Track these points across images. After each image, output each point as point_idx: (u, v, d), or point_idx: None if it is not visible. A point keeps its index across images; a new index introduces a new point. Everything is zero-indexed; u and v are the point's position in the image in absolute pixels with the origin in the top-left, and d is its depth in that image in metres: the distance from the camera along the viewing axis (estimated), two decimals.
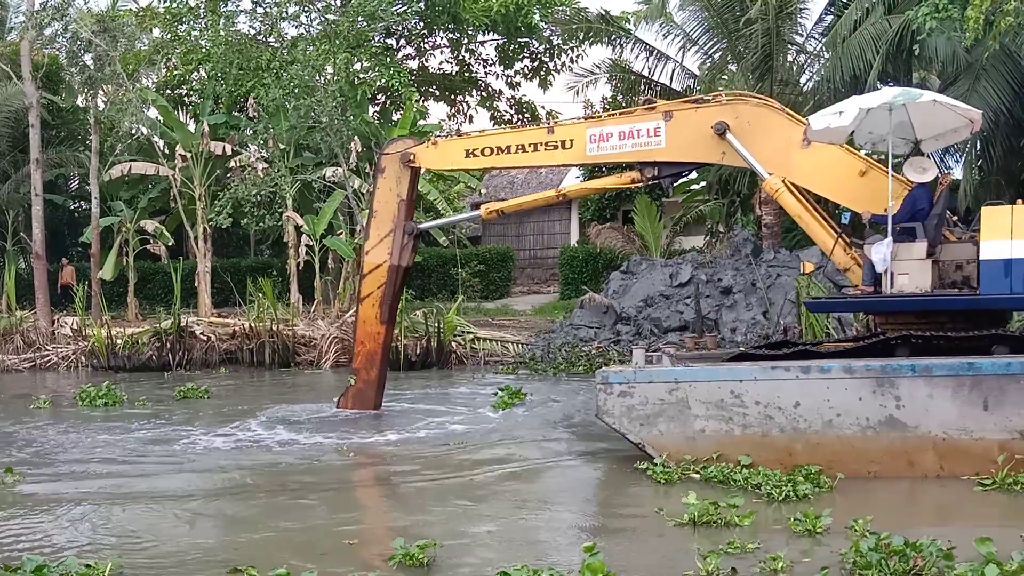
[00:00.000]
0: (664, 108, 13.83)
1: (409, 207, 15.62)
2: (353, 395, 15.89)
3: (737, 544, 7.75)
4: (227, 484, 11.09)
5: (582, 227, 42.08)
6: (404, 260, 15.54)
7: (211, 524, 9.39)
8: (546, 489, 10.90)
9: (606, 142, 13.98)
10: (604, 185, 16.69)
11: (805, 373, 10.72)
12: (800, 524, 8.31)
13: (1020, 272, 10.76)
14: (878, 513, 8.49)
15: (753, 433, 10.80)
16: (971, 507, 9.39)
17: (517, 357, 23.73)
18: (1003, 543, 7.06)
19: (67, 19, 30.45)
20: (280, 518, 9.35)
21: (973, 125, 12.20)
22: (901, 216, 11.77)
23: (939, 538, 7.04)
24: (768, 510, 9.22)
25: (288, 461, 12.36)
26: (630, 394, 11.21)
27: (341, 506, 10.25)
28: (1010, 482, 9.73)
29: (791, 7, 26.43)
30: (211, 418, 16.28)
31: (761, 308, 22.93)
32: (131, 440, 14.07)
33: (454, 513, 9.61)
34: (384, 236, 15.52)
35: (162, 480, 11.28)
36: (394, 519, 9.68)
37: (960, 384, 10.26)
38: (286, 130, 29.85)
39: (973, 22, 16.76)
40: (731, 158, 13.48)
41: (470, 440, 13.50)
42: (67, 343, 27.49)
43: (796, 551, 7.71)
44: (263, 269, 35.87)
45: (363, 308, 15.76)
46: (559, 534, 8.87)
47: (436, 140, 15.46)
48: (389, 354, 16.78)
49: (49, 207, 33.42)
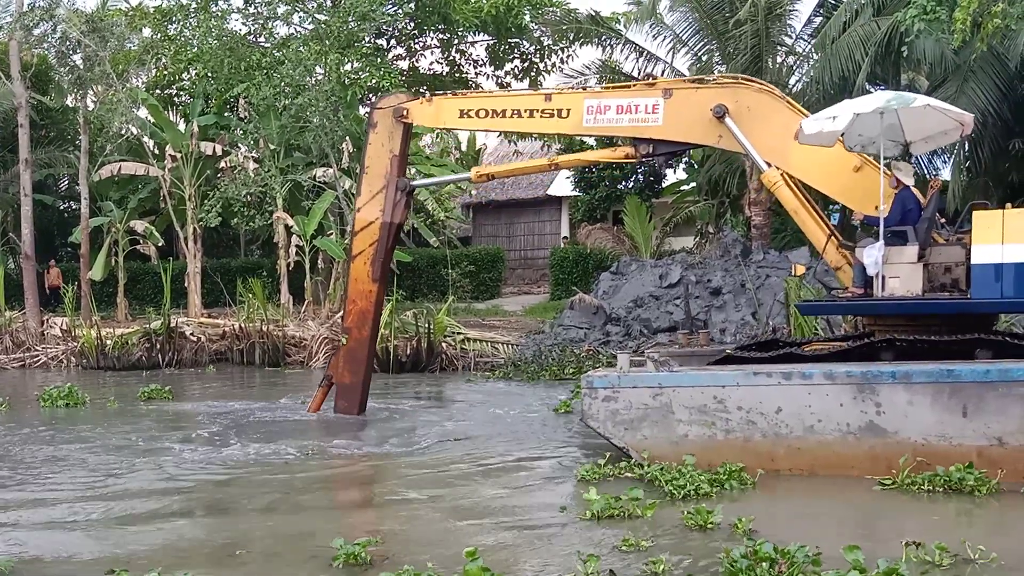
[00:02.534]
0: (664, 85, 13.80)
1: (401, 163, 15.46)
2: (344, 355, 15.72)
3: (632, 542, 7.80)
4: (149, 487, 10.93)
5: (572, 228, 42.12)
6: (396, 217, 15.40)
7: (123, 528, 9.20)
8: (480, 489, 10.82)
9: (603, 114, 13.84)
10: (598, 158, 16.61)
11: (787, 379, 10.78)
12: (693, 519, 8.46)
13: (1011, 276, 10.79)
14: (777, 512, 8.81)
15: (735, 438, 10.86)
16: (875, 509, 9.46)
17: (508, 359, 23.70)
18: (888, 547, 7.20)
19: (56, 19, 30.38)
20: (219, 520, 9.34)
21: (964, 128, 12.24)
22: (892, 219, 11.83)
23: (831, 538, 7.11)
24: (671, 506, 9.32)
25: (234, 464, 12.18)
26: (614, 399, 11.26)
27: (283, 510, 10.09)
28: (909, 482, 9.87)
29: (780, 8, 26.47)
30: (166, 421, 16.13)
31: (750, 309, 22.98)
32: (66, 443, 13.79)
33: (393, 513, 9.67)
34: (376, 193, 15.34)
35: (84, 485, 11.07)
36: (329, 522, 9.58)
37: (939, 391, 10.31)
38: (276, 130, 29.83)
39: (960, 24, 16.81)
40: (727, 142, 13.44)
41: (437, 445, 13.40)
42: (56, 343, 27.44)
43: (686, 548, 7.84)
44: (253, 269, 35.82)
45: (355, 266, 15.62)
46: (466, 533, 8.81)
47: (431, 97, 15.25)
48: (377, 328, 16.67)
49: (38, 207, 33.32)
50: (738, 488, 10.03)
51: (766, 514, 9.01)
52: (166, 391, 19.09)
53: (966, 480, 9.66)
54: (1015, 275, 10.78)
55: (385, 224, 15.33)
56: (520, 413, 16.17)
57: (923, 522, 8.83)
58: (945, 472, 9.79)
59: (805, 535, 7.48)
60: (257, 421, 15.97)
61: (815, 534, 7.51)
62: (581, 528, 8.58)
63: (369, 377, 16.11)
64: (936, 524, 8.70)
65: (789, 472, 10.63)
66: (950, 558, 7.30)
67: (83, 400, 18.23)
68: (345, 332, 15.84)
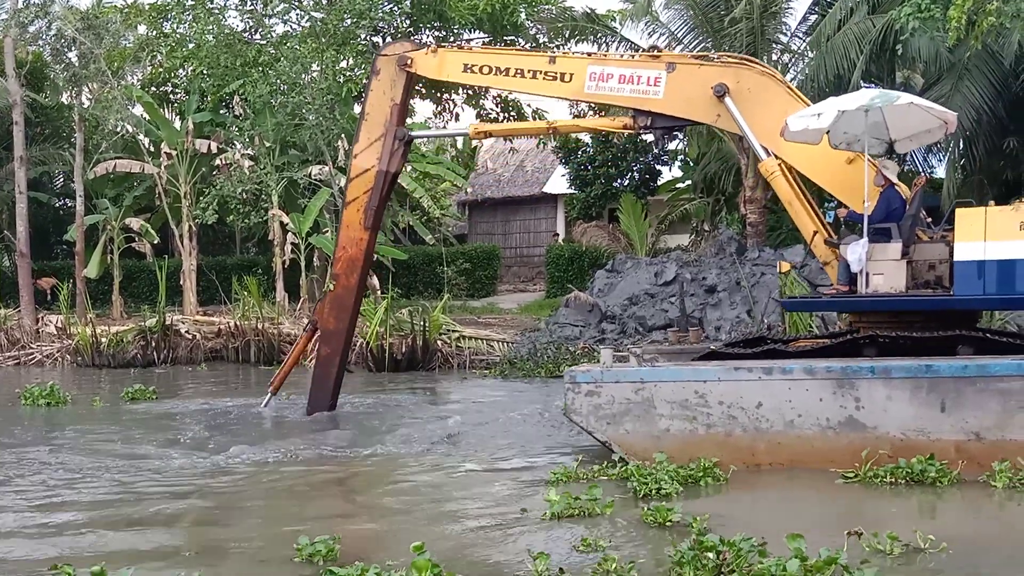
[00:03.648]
0: (668, 59, 13.73)
1: (402, 113, 15.39)
2: (330, 301, 15.70)
3: (589, 541, 7.82)
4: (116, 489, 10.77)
5: (568, 225, 42.13)
6: (393, 166, 15.33)
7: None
8: (451, 490, 10.79)
9: (605, 82, 13.77)
10: (596, 125, 16.64)
11: (767, 374, 10.82)
12: (652, 516, 8.49)
13: (993, 273, 10.86)
14: (741, 507, 8.90)
15: (717, 433, 10.89)
16: (836, 502, 9.55)
17: (503, 357, 23.73)
18: (841, 538, 7.27)
19: (51, 16, 30.37)
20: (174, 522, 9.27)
21: (948, 126, 12.30)
22: (876, 216, 11.89)
23: (788, 530, 7.10)
24: (634, 506, 9.31)
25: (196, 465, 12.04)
26: (597, 393, 11.28)
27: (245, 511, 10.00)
28: (872, 475, 9.95)
29: (775, 6, 26.50)
30: (145, 422, 15.91)
31: (745, 306, 23.00)
32: (32, 445, 13.60)
33: (362, 512, 9.70)
34: (374, 140, 15.26)
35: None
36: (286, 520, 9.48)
37: (918, 386, 10.36)
38: (272, 127, 29.81)
39: (955, 22, 16.83)
40: (725, 122, 13.39)
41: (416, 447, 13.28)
42: (52, 341, 27.44)
43: (642, 545, 7.90)
44: (249, 267, 35.80)
45: (347, 212, 15.56)
46: (426, 531, 8.77)
47: (436, 48, 15.14)
48: (359, 306, 16.60)
49: (34, 205, 33.30)
50: (712, 485, 10.09)
51: (730, 509, 9.14)
52: (150, 391, 18.89)
53: (928, 472, 9.76)
54: (997, 272, 10.85)
55: (381, 172, 15.24)
56: (514, 411, 16.12)
57: (882, 513, 8.90)
58: (908, 464, 9.87)
59: (764, 527, 7.57)
60: (238, 421, 15.69)
61: (773, 526, 7.57)
62: (540, 528, 8.58)
63: (350, 342, 16.12)
64: (893, 515, 8.76)
65: (770, 467, 10.67)
66: (901, 547, 7.44)
67: (65, 399, 18.11)
68: (333, 279, 15.76)
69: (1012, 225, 10.78)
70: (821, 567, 6.56)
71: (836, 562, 6.55)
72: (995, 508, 9.16)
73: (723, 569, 6.78)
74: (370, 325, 24.18)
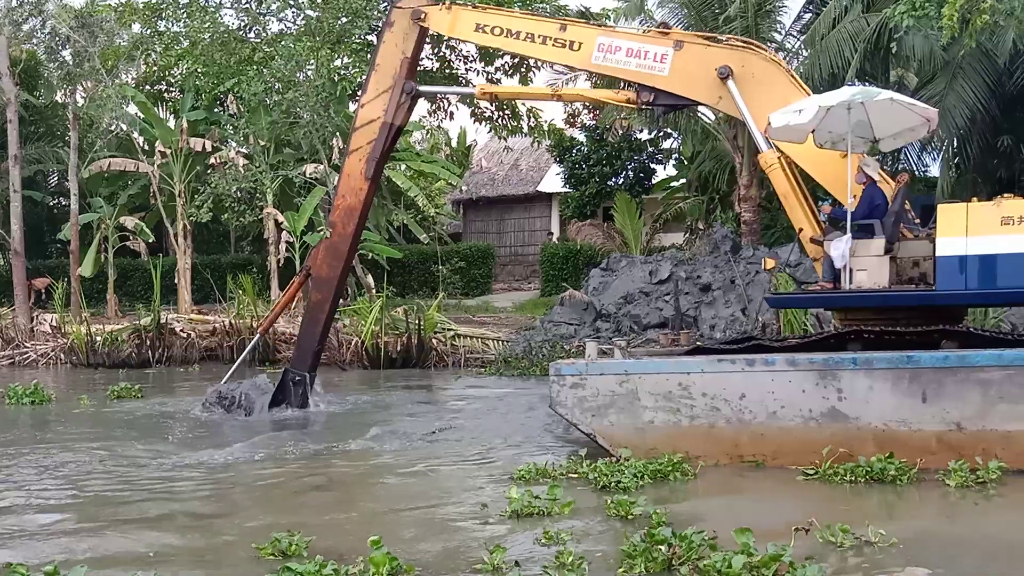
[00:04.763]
0: (677, 36, 13.77)
1: (412, 66, 15.46)
2: (325, 248, 15.84)
3: (552, 534, 7.83)
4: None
5: (562, 224, 42.16)
6: (398, 119, 15.41)
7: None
8: (425, 488, 10.74)
9: (612, 54, 13.80)
10: (600, 96, 16.71)
11: (750, 366, 10.87)
12: (615, 511, 8.54)
13: (975, 269, 10.94)
14: (703, 502, 9.15)
15: (700, 424, 10.94)
16: (806, 498, 9.61)
17: (499, 355, 23.76)
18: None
19: (45, 14, 30.31)
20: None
21: (930, 124, 12.40)
22: (859, 213, 11.98)
23: (751, 526, 7.16)
24: (594, 498, 9.39)
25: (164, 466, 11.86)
26: (582, 386, 11.35)
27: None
28: (831, 473, 10.02)
29: (770, 4, 26.55)
30: (127, 422, 15.67)
31: (740, 305, 23.04)
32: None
33: (332, 508, 9.70)
34: (382, 91, 15.32)
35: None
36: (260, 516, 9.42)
37: (899, 377, 10.38)
38: (267, 126, 29.80)
39: (948, 20, 16.87)
40: (727, 105, 13.41)
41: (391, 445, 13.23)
42: (46, 340, 27.41)
43: (601, 540, 7.95)
44: (243, 266, 35.78)
45: (349, 161, 15.63)
46: (390, 526, 8.76)
47: (451, 4, 15.14)
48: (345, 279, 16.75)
49: (28, 203, 33.23)
50: (681, 480, 10.16)
51: (696, 503, 9.32)
52: (136, 390, 18.78)
53: (887, 470, 9.84)
54: (979, 267, 10.93)
55: (386, 125, 15.33)
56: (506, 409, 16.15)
57: (836, 509, 8.96)
58: (867, 462, 9.95)
59: (726, 522, 7.63)
60: (217, 422, 15.45)
61: (736, 521, 7.59)
62: (503, 523, 8.60)
63: (340, 292, 16.34)
64: (846, 511, 8.81)
65: (753, 458, 10.71)
66: (853, 540, 7.55)
67: (49, 398, 18.03)
68: (330, 226, 15.88)
69: (993, 221, 10.86)
70: (767, 562, 6.62)
71: (780, 558, 6.61)
72: (948, 506, 9.25)
73: (673, 562, 6.83)
74: (365, 324, 24.20)
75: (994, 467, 9.71)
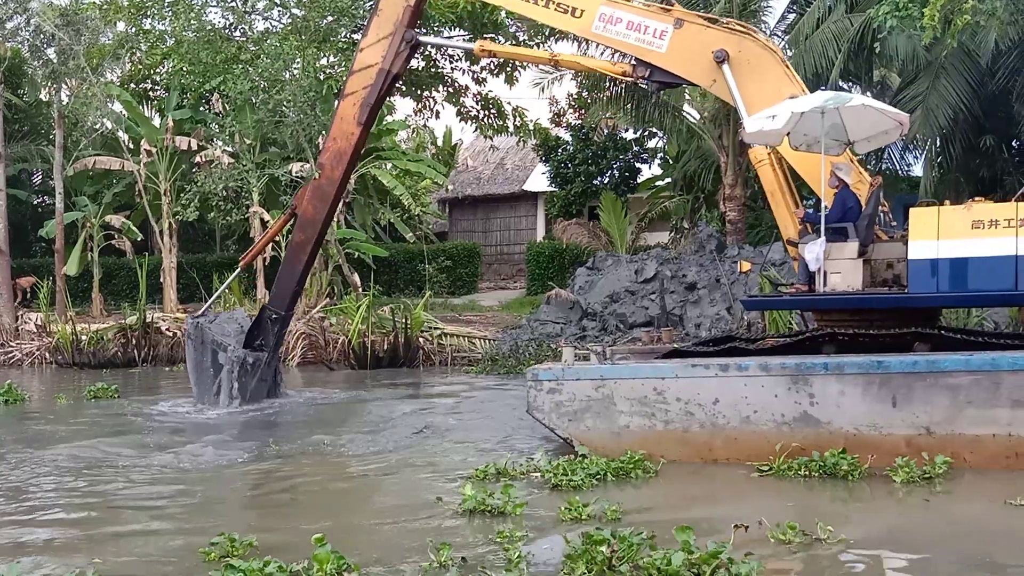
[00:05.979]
0: (679, 15, 13.83)
1: (414, 15, 15.57)
2: (312, 190, 15.99)
3: (506, 533, 7.90)
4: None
5: (548, 223, 42.22)
6: (395, 67, 15.51)
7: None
8: (388, 485, 10.81)
9: (613, 25, 13.88)
10: (597, 66, 16.75)
11: (724, 371, 10.99)
12: (568, 513, 8.59)
13: (946, 271, 11.06)
14: (658, 500, 9.36)
15: (674, 429, 11.08)
16: (763, 495, 9.76)
17: (485, 354, 23.81)
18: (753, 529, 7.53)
19: (29, 12, 30.17)
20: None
21: (903, 127, 12.57)
22: (832, 216, 12.11)
23: (705, 522, 7.44)
24: (551, 498, 9.46)
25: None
26: (559, 391, 11.50)
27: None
28: (784, 468, 10.21)
29: (755, 4, 26.62)
30: (100, 422, 15.58)
31: (725, 304, 23.17)
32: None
33: (286, 509, 9.74)
34: (383, 37, 15.42)
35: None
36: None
37: (870, 381, 10.53)
38: (252, 125, 29.75)
39: (930, 20, 16.99)
40: (719, 89, 13.50)
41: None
42: (31, 339, 27.33)
43: (550, 539, 7.96)
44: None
45: (343, 105, 15.73)
46: (344, 525, 8.87)
47: None
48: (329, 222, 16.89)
49: (12, 202, 33.08)
50: (642, 477, 10.30)
51: (647, 502, 9.47)
52: (112, 389, 18.76)
53: (840, 465, 10.01)
54: (950, 270, 11.05)
55: (383, 71, 15.42)
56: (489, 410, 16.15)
57: (787, 505, 9.14)
58: (820, 458, 10.13)
59: (675, 520, 7.78)
60: (185, 423, 15.35)
61: (684, 519, 7.81)
62: (452, 520, 8.69)
63: (324, 234, 16.60)
64: (795, 508, 9.00)
65: (727, 462, 10.83)
66: (802, 537, 7.69)
67: (23, 397, 18.05)
68: (319, 168, 15.99)
69: (964, 224, 10.98)
70: (707, 559, 6.70)
71: (719, 555, 6.69)
72: (894, 502, 9.40)
73: (613, 562, 6.91)
74: (352, 323, 24.22)
75: (940, 462, 9.88)
